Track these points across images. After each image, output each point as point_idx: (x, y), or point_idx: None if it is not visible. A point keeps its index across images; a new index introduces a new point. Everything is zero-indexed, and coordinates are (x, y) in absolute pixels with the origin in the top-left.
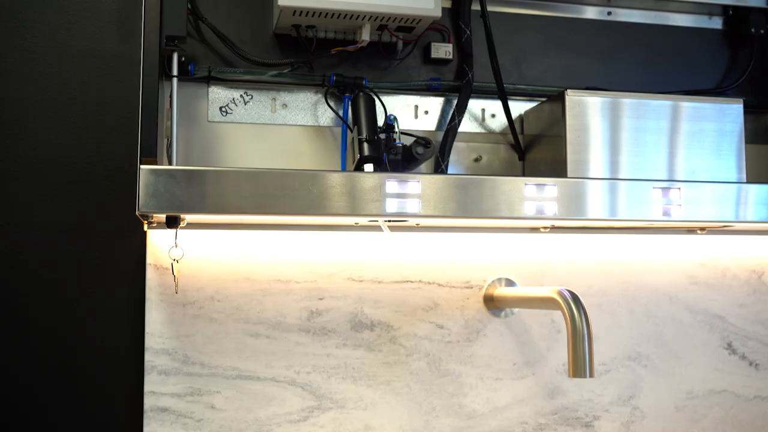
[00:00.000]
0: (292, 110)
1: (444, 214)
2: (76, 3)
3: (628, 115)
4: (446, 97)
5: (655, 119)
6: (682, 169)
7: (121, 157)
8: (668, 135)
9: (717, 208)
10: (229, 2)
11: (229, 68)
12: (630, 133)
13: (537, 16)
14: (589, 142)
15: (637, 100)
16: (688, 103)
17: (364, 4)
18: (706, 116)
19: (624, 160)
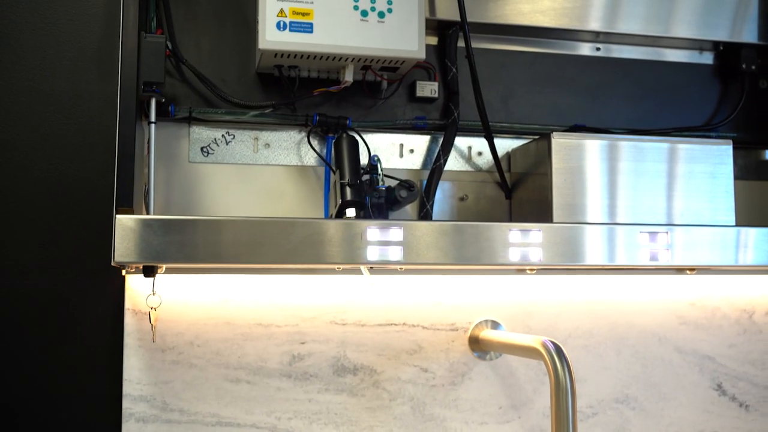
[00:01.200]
0: (275, 150)
1: (427, 261)
2: (57, 42)
3: (615, 157)
4: (432, 135)
5: (644, 161)
6: (670, 211)
7: (100, 199)
8: (656, 177)
9: (705, 252)
10: (211, 41)
11: (210, 108)
12: (617, 175)
13: (524, 52)
14: (576, 185)
15: (624, 142)
16: (676, 145)
17: (347, 47)
18: (694, 158)
19: (612, 203)
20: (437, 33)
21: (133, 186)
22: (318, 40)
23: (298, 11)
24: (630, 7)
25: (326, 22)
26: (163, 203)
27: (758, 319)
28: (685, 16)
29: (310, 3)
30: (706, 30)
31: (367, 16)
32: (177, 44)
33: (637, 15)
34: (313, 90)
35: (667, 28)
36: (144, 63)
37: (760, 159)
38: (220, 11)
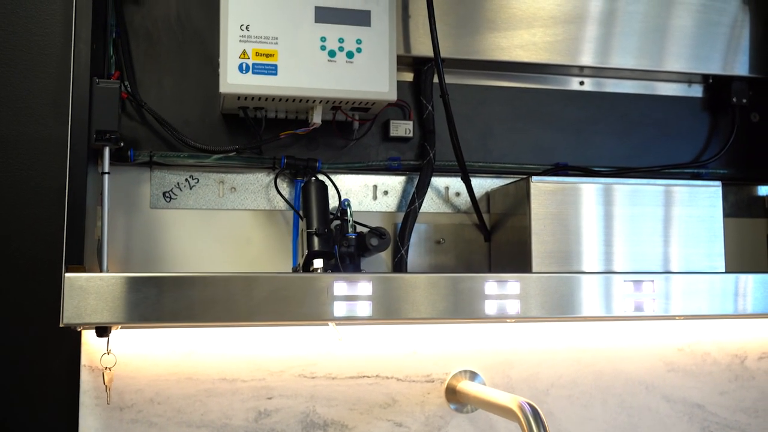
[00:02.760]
0: (242, 194)
1: (398, 317)
2: (11, 83)
3: (597, 201)
4: (408, 175)
5: (629, 205)
6: (656, 257)
7: (56, 248)
8: (641, 221)
9: (693, 301)
10: (173, 81)
11: (172, 152)
12: (599, 220)
13: (504, 87)
14: (556, 231)
15: (606, 185)
16: (662, 187)
17: (313, 89)
18: (681, 201)
19: (595, 249)
20: (413, 69)
21: (84, 241)
22: (283, 82)
23: (262, 52)
24: (617, 40)
25: (291, 63)
26: (123, 253)
27: (750, 365)
28: (675, 49)
29: (275, 43)
30: (698, 63)
31: (335, 56)
32: (137, 85)
33: (624, 48)
34: (280, 132)
35: (657, 62)
36: (96, 110)
37: (752, 195)
38: (183, 50)
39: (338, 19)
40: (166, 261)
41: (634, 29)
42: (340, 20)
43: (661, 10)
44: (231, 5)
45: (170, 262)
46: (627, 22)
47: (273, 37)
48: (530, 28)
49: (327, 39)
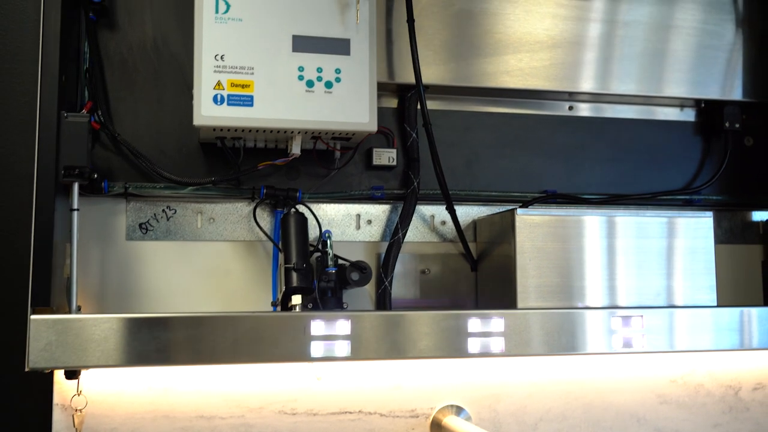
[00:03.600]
0: (221, 224)
1: (377, 356)
2: None
3: (583, 233)
4: (392, 204)
5: (615, 237)
6: (645, 291)
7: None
8: (629, 254)
9: (684, 336)
10: (149, 110)
11: (148, 183)
12: (586, 252)
13: (491, 113)
14: (542, 264)
15: (593, 217)
16: (650, 218)
17: (291, 121)
18: (672, 232)
19: (581, 284)
20: (397, 95)
21: (52, 281)
22: (259, 113)
23: (238, 83)
24: (609, 66)
25: (268, 94)
26: (97, 287)
27: (745, 396)
28: (669, 74)
29: (251, 74)
30: (693, 88)
31: (313, 86)
32: (111, 114)
33: (616, 74)
34: (259, 162)
35: (651, 88)
36: (64, 145)
37: (746, 221)
38: (159, 76)
39: (316, 48)
40: (141, 295)
41: (625, 54)
42: (318, 49)
43: (654, 35)
44: (205, 34)
45: (146, 296)
46: (618, 47)
47: (249, 67)
48: (517, 53)
49: (305, 68)
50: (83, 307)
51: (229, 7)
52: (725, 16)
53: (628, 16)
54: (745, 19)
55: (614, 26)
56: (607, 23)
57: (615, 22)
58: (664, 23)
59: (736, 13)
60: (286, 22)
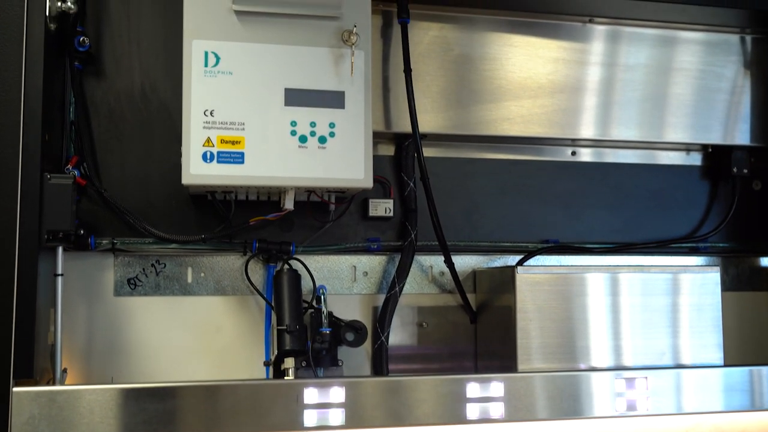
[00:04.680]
0: (211, 278)
1: (373, 424)
2: None
3: (586, 291)
4: (389, 255)
5: (620, 294)
6: (651, 350)
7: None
8: (634, 312)
9: (690, 398)
10: (138, 161)
11: (136, 238)
12: (589, 311)
13: (491, 160)
14: (544, 323)
15: (596, 274)
16: (655, 275)
17: (283, 178)
18: (677, 289)
19: (585, 343)
20: (394, 143)
21: (35, 350)
22: (250, 171)
23: (228, 140)
24: (612, 110)
25: (260, 150)
26: (84, 345)
27: None
28: (673, 119)
29: (241, 129)
30: (697, 133)
31: (306, 141)
32: (98, 166)
33: (620, 119)
34: (250, 215)
35: (654, 133)
36: (48, 208)
37: (754, 267)
38: (148, 125)
39: (310, 102)
40: (130, 353)
41: (629, 98)
42: (311, 103)
43: (657, 78)
44: (194, 89)
45: (135, 354)
46: (621, 91)
47: (239, 122)
48: (518, 99)
49: (298, 123)
50: (69, 370)
51: (219, 60)
52: (731, 58)
53: (631, 59)
54: (752, 60)
55: (616, 70)
56: (609, 67)
57: (617, 65)
58: (666, 66)
59: (744, 54)
60: (278, 75)
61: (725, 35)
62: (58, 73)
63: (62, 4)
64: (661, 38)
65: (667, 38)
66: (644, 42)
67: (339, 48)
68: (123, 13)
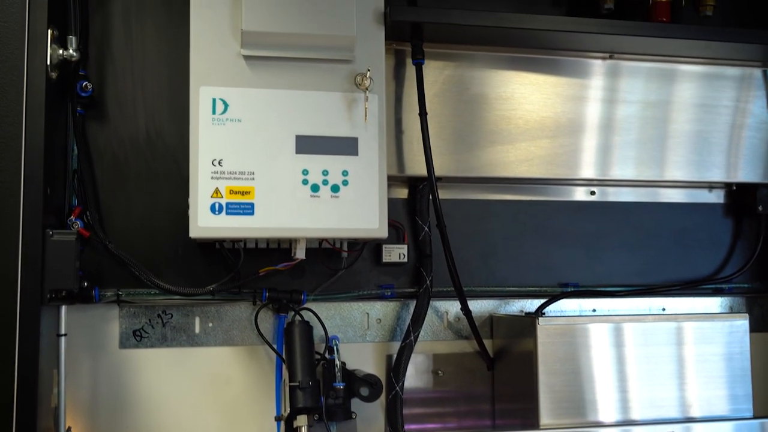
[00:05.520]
0: (220, 328)
1: None
2: None
3: (613, 342)
4: (403, 301)
5: (649, 345)
6: (681, 401)
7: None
8: (663, 362)
9: None
10: (143, 207)
11: (142, 289)
12: (616, 362)
13: (508, 201)
14: (568, 375)
15: (623, 324)
16: (683, 323)
17: (294, 229)
18: (705, 338)
19: (613, 396)
20: (407, 185)
21: (37, 414)
22: (260, 223)
23: (237, 190)
24: (636, 149)
25: (270, 200)
26: (88, 399)
27: None
28: (697, 157)
29: (251, 179)
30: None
31: (319, 191)
32: (102, 215)
33: (640, 158)
34: (260, 263)
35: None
36: (50, 266)
37: None
38: (153, 171)
39: (322, 149)
40: (136, 407)
41: (650, 136)
42: (324, 150)
43: (678, 115)
44: (202, 137)
45: (141, 408)
46: (643, 129)
47: (249, 171)
48: (536, 139)
49: (309, 171)
50: (73, 428)
51: (227, 107)
52: (756, 93)
53: (652, 95)
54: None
55: (638, 107)
56: (631, 104)
57: (639, 102)
58: (689, 102)
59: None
60: (288, 122)
61: (749, 69)
62: (59, 120)
63: (64, 51)
64: (684, 73)
65: (688, 73)
66: (665, 78)
67: (352, 92)
68: (127, 55)
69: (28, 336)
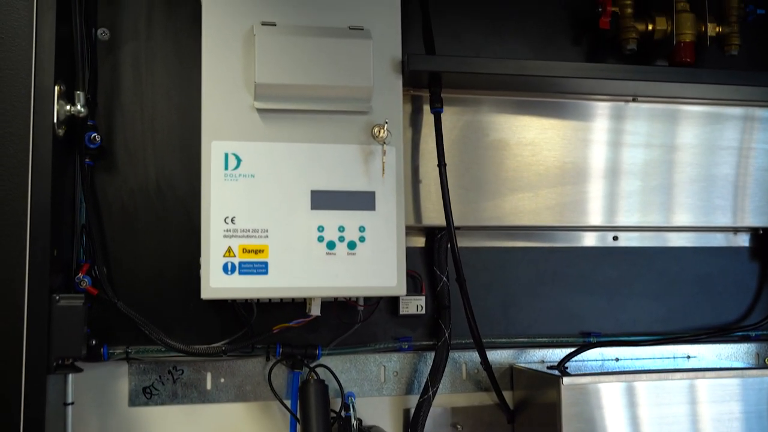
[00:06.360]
0: (232, 384)
1: None
2: None
3: (637, 401)
4: (420, 354)
5: (670, 404)
6: None
7: None
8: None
9: None
10: (152, 260)
11: (151, 346)
12: (642, 424)
13: (528, 248)
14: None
15: (647, 383)
16: (709, 380)
17: (309, 288)
18: (732, 394)
19: None
20: (424, 233)
21: None
22: (275, 282)
23: (250, 248)
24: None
25: (284, 259)
26: None
27: None
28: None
29: (264, 237)
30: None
31: (335, 248)
32: (111, 270)
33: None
34: (273, 319)
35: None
36: (56, 333)
37: None
38: (164, 223)
39: (338, 204)
40: None
41: (675, 180)
42: (340, 205)
43: (704, 158)
44: (214, 194)
45: None
46: (668, 174)
47: (263, 229)
48: (557, 186)
49: (325, 228)
50: None
51: (240, 162)
52: None
53: (677, 139)
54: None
55: (662, 151)
56: (654, 148)
57: (662, 146)
58: (713, 144)
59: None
60: (303, 176)
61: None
62: (67, 174)
63: (71, 107)
64: (708, 116)
65: (713, 115)
66: (690, 120)
67: (368, 144)
68: (136, 104)
69: (33, 406)
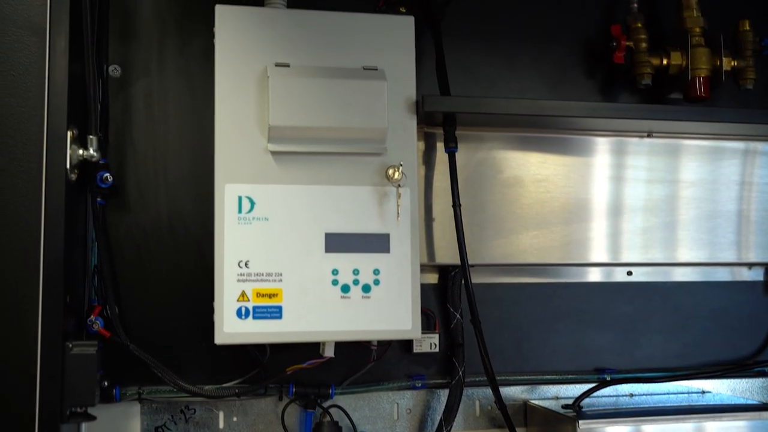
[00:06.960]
0: (245, 423)
1: None
2: None
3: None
4: (433, 391)
5: None
6: None
7: None
8: None
9: None
10: (165, 301)
11: (163, 387)
12: None
13: (540, 284)
14: None
15: (660, 425)
16: (726, 423)
17: (324, 333)
18: None
19: None
20: (437, 270)
21: None
22: (289, 326)
23: (264, 293)
24: (675, 230)
25: (299, 303)
26: None
27: None
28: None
29: (278, 281)
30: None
31: (349, 291)
32: (123, 311)
33: (681, 239)
34: (286, 359)
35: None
36: (70, 382)
37: None
38: (176, 261)
39: (352, 247)
40: None
41: (691, 216)
42: (354, 248)
43: (718, 194)
44: (227, 238)
45: None
46: (684, 209)
47: (277, 273)
48: (572, 223)
49: (339, 271)
50: None
51: (254, 205)
52: None
53: (692, 174)
54: None
55: (677, 186)
56: (670, 183)
57: (678, 181)
58: (729, 180)
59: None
60: (317, 219)
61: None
62: (78, 215)
63: (84, 152)
64: (720, 150)
65: (726, 150)
66: (705, 155)
67: (382, 186)
68: (149, 142)
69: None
